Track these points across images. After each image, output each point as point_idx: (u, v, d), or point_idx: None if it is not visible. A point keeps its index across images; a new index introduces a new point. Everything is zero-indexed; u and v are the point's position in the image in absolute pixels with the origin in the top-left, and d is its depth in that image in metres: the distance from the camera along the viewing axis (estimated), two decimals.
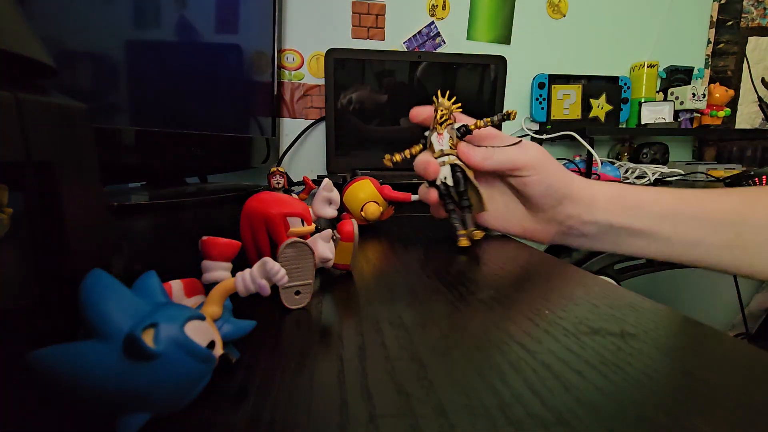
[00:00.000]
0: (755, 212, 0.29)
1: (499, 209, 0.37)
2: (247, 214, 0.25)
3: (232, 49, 0.70)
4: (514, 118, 0.34)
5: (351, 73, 0.89)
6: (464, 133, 0.35)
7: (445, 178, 0.35)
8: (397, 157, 0.36)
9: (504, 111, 0.35)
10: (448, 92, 0.36)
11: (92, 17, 0.43)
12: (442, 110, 0.35)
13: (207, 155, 0.60)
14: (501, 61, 0.92)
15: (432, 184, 0.35)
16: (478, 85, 0.94)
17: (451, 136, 0.35)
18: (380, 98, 0.92)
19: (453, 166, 0.34)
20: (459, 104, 0.35)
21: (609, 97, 1.09)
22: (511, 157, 0.33)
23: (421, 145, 0.36)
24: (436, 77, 0.92)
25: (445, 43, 1.04)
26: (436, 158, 0.35)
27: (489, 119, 0.35)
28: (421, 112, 0.37)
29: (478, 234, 0.35)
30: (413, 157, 0.36)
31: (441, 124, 0.35)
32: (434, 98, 0.36)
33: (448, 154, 0.35)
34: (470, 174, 0.34)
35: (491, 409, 0.13)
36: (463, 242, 0.34)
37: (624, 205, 0.32)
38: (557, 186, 0.33)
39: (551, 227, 0.34)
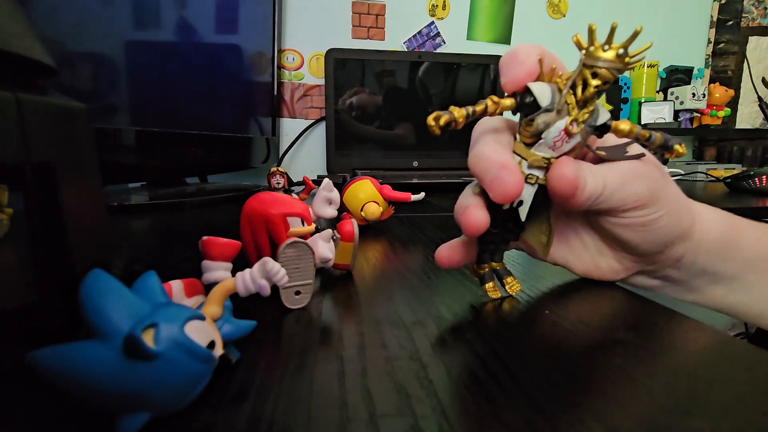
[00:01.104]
0: None
1: (564, 238, 0.25)
2: (246, 215, 0.25)
3: (232, 50, 0.70)
4: (674, 157, 0.20)
5: (351, 73, 0.89)
6: (601, 131, 0.19)
7: (521, 203, 0.19)
8: (460, 115, 0.18)
9: (674, 144, 0.20)
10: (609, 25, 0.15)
11: (93, 17, 0.43)
12: (604, 75, 0.16)
13: (207, 155, 0.60)
14: None
15: (489, 199, 0.19)
16: (479, 86, 0.94)
17: (582, 136, 0.18)
18: (380, 98, 0.92)
19: (542, 188, 0.19)
20: (642, 57, 0.16)
21: (609, 97, 1.09)
22: (626, 193, 0.20)
23: (511, 102, 0.18)
24: (437, 77, 0.92)
25: (445, 43, 1.04)
26: (529, 164, 0.19)
27: (648, 134, 0.19)
28: (528, 64, 0.18)
29: (513, 285, 0.23)
30: (475, 118, 0.19)
31: (586, 102, 0.17)
32: (580, 40, 0.17)
33: (546, 168, 0.19)
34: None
35: (491, 408, 0.13)
36: (493, 292, 0.22)
37: (728, 245, 0.23)
38: (675, 226, 0.21)
39: (633, 267, 0.24)
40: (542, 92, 0.17)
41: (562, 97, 0.17)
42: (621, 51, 0.16)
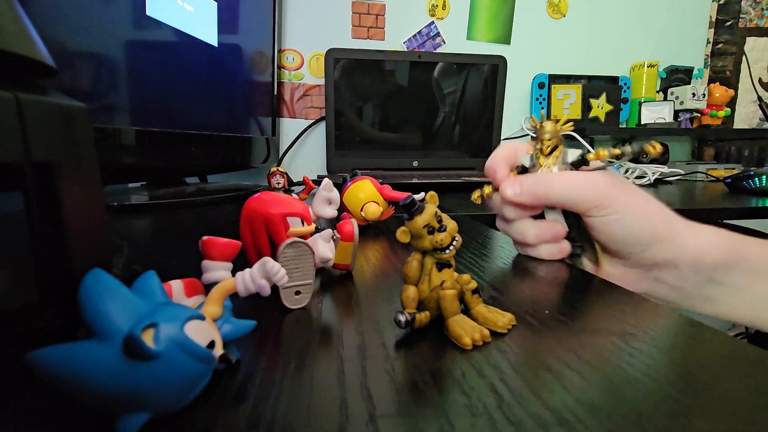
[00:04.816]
0: None
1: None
2: (246, 215, 0.25)
3: (233, 50, 0.70)
4: (655, 155, 0.25)
5: (351, 73, 0.89)
6: (579, 164, 0.28)
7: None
8: (488, 191, 0.31)
9: (644, 144, 0.25)
10: (546, 115, 0.29)
11: (93, 17, 0.43)
12: (548, 137, 0.28)
13: (207, 155, 0.60)
14: (501, 61, 0.92)
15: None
16: (478, 86, 0.94)
17: (561, 170, 0.28)
18: (380, 98, 0.92)
19: (564, 211, 0.29)
20: (570, 122, 0.28)
21: (609, 97, 1.09)
22: (563, 191, 0.27)
23: (514, 173, 0.30)
24: (448, 77, 0.92)
25: (445, 43, 1.04)
26: None
27: (619, 149, 0.26)
28: (502, 160, 0.30)
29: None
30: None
31: (549, 155, 0.28)
32: (532, 121, 0.29)
33: None
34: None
35: (491, 408, 0.13)
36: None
37: (733, 258, 0.26)
38: (643, 228, 0.26)
39: (635, 274, 0.28)
40: (525, 159, 0.30)
41: (534, 157, 0.29)
42: (549, 125, 0.28)
